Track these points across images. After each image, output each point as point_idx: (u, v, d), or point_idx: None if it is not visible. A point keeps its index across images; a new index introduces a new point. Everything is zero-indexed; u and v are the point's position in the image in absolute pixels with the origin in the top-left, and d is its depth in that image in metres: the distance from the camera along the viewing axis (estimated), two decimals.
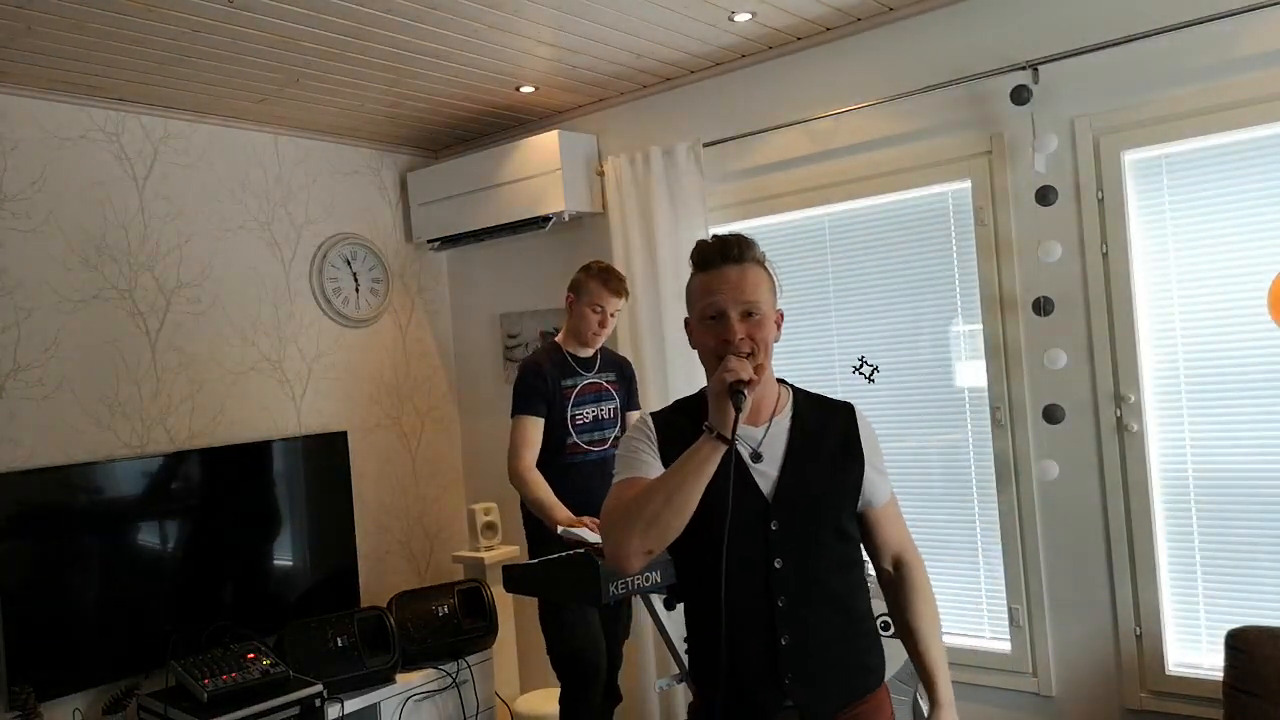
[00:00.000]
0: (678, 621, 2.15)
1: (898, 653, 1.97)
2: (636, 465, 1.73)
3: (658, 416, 1.81)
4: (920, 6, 3.11)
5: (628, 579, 2.47)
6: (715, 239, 1.74)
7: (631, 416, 3.35)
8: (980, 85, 3.00)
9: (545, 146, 3.81)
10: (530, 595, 2.89)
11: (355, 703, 3.44)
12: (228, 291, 3.81)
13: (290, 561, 3.81)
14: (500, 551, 4.04)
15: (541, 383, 3.15)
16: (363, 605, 3.90)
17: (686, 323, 1.79)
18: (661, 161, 3.62)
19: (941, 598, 2.09)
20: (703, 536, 1.64)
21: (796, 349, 3.47)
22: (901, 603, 1.84)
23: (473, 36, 3.12)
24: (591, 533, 2.86)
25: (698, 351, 1.76)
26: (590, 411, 3.24)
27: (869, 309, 3.35)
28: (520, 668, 4.27)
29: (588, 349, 3.28)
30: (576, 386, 3.22)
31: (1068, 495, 2.94)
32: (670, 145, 3.61)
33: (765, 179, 3.51)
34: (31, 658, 3.08)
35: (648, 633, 3.64)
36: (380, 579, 4.20)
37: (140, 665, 3.34)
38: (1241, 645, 2.46)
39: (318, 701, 3.23)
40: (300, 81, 3.43)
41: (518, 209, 3.93)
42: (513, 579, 2.78)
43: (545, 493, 3.04)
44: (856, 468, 1.77)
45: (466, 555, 4.08)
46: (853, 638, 1.76)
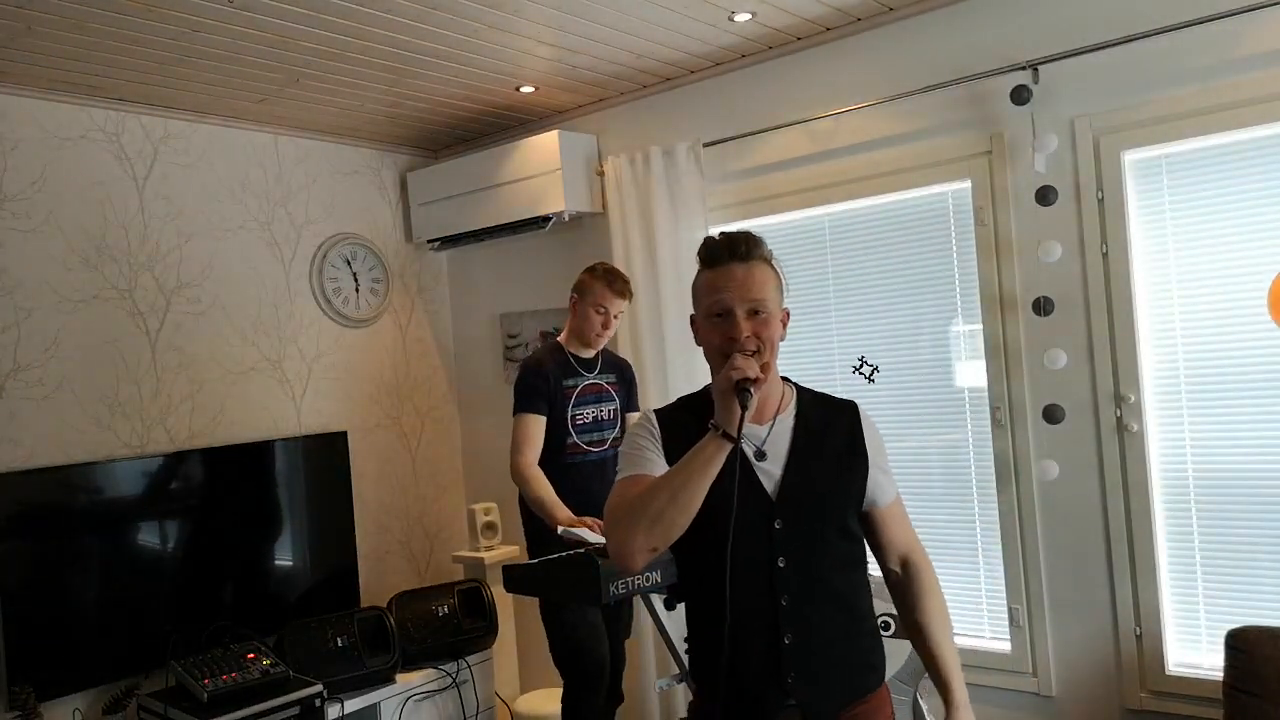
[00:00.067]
0: (678, 621, 2.14)
1: (897, 652, 1.97)
2: (641, 462, 1.72)
3: (661, 414, 1.80)
4: (920, 6, 3.11)
5: (628, 579, 2.46)
6: (723, 236, 1.72)
7: (631, 418, 3.35)
8: (980, 85, 3.00)
9: (545, 146, 3.81)
10: (530, 595, 2.88)
11: (355, 703, 3.44)
12: (228, 291, 3.81)
13: (290, 561, 3.81)
14: (500, 551, 4.04)
15: (543, 382, 3.16)
16: (363, 605, 3.90)
17: (692, 319, 1.77)
18: (661, 161, 3.62)
19: None
20: (706, 534, 1.63)
21: (797, 349, 3.47)
22: (912, 603, 1.82)
23: (473, 36, 3.12)
24: (592, 533, 2.86)
25: (703, 349, 1.74)
26: (590, 412, 3.24)
27: (869, 309, 3.35)
28: (520, 668, 4.27)
29: (590, 350, 3.29)
30: (578, 387, 3.22)
31: (1068, 495, 2.94)
32: (670, 145, 3.61)
33: (765, 179, 3.51)
34: (31, 658, 3.08)
35: (648, 633, 3.64)
36: (380, 579, 4.20)
37: (140, 665, 3.33)
38: (1241, 645, 2.46)
39: (318, 701, 3.23)
40: (300, 81, 3.43)
41: (518, 209, 3.93)
42: (513, 579, 2.78)
43: (546, 491, 3.04)
44: (861, 467, 1.76)
45: (466, 555, 4.08)
46: (855, 637, 1.75)
